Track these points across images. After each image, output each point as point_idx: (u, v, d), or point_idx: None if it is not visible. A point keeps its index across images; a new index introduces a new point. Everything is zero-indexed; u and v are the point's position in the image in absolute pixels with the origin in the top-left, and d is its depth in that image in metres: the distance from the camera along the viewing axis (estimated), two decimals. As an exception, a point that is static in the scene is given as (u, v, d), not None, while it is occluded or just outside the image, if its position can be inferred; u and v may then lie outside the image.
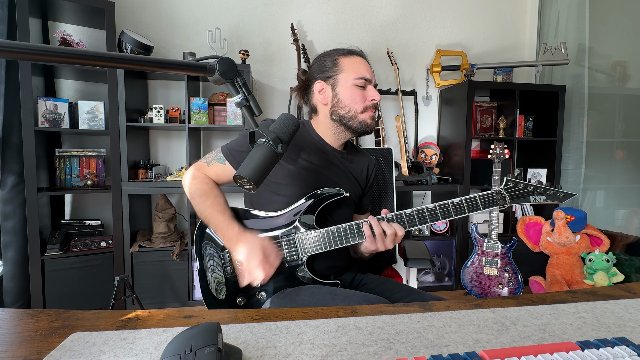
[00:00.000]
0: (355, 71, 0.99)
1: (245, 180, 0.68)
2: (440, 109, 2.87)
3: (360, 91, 1.00)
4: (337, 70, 1.00)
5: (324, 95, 1.02)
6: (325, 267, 1.00)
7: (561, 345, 0.46)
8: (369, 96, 1.00)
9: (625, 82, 2.55)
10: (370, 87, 1.01)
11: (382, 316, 0.58)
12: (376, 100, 1.01)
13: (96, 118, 2.11)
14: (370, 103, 1.00)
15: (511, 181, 0.89)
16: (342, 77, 1.00)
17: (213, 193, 0.97)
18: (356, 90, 0.99)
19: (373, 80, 1.02)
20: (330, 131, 1.04)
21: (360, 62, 1.01)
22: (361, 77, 0.99)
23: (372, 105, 1.01)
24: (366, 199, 1.16)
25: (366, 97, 1.00)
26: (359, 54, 1.04)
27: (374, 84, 1.02)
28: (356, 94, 0.99)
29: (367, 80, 1.00)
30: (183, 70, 0.58)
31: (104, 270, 2.15)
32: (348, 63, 1.00)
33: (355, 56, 1.02)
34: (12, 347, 0.49)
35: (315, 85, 1.03)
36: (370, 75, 1.01)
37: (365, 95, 1.00)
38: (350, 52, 1.03)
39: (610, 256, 2.23)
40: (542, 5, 2.93)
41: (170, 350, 0.43)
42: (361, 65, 1.01)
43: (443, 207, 0.89)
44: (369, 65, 1.03)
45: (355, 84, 0.99)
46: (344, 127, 1.02)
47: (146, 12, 2.41)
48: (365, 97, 1.00)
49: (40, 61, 0.46)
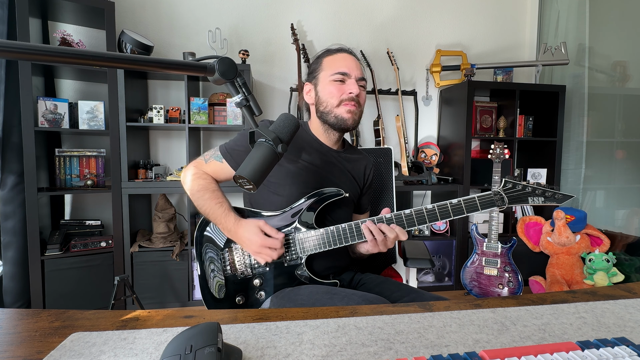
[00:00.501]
0: (333, 67, 0.99)
1: (245, 180, 0.68)
2: (440, 109, 2.87)
3: (338, 85, 0.99)
4: (319, 70, 1.02)
5: (310, 96, 1.05)
6: (325, 266, 1.00)
7: (561, 345, 0.46)
8: (346, 89, 0.99)
9: (625, 82, 2.55)
10: (349, 81, 0.99)
11: (382, 316, 0.58)
12: (353, 93, 0.98)
13: (96, 118, 2.11)
14: (347, 96, 0.98)
15: (510, 182, 0.88)
16: (322, 75, 1.01)
17: (211, 187, 0.99)
18: (333, 85, 0.99)
19: (354, 74, 0.99)
20: (321, 130, 1.05)
21: (342, 58, 1.00)
22: (337, 71, 0.98)
23: (349, 98, 0.99)
24: (365, 198, 1.16)
25: (343, 90, 0.99)
26: (345, 50, 1.02)
27: (355, 77, 0.99)
28: (333, 89, 0.99)
29: (344, 74, 0.98)
30: (183, 70, 0.58)
31: (104, 270, 2.15)
32: (328, 61, 1.01)
33: (339, 53, 1.01)
34: (12, 347, 0.49)
35: (305, 87, 1.06)
36: (349, 69, 0.99)
37: (343, 88, 0.99)
38: (336, 50, 1.02)
39: (610, 256, 2.23)
40: (542, 5, 2.93)
41: (170, 350, 0.43)
42: (341, 60, 1.00)
43: (442, 207, 0.89)
44: (352, 60, 1.01)
45: (332, 79, 0.99)
46: (326, 124, 1.03)
47: (146, 12, 2.41)
48: (343, 90, 0.99)
49: (40, 61, 0.46)
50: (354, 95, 0.98)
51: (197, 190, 0.98)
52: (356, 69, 1.00)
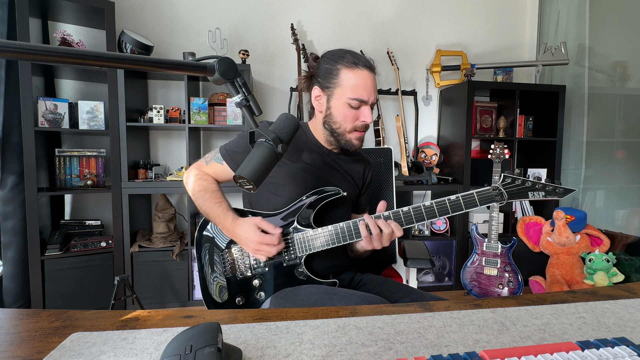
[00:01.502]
0: (352, 89, 0.93)
1: (245, 180, 0.68)
2: (440, 109, 2.87)
3: (353, 111, 0.95)
4: (336, 83, 0.95)
5: (320, 103, 1.00)
6: (324, 266, 1.00)
7: (561, 345, 0.46)
8: (360, 116, 0.96)
9: (625, 82, 2.55)
10: (364, 108, 0.95)
11: (382, 316, 0.58)
12: (367, 122, 0.96)
13: (96, 118, 2.11)
14: (361, 124, 0.96)
15: (509, 177, 0.88)
16: (338, 92, 0.95)
17: (211, 188, 1.01)
18: (348, 109, 0.95)
19: (371, 99, 0.95)
20: (324, 136, 1.04)
21: (362, 78, 0.94)
22: (356, 97, 0.93)
23: (362, 126, 0.97)
24: (363, 199, 1.16)
25: (358, 117, 0.96)
26: (366, 66, 0.95)
27: (370, 103, 0.96)
28: (348, 113, 0.95)
29: (362, 102, 0.95)
30: (183, 70, 0.58)
31: (104, 270, 2.15)
32: (348, 78, 0.94)
33: (360, 69, 0.94)
34: (12, 347, 0.49)
35: (314, 90, 1.01)
36: (367, 95, 0.94)
37: (358, 115, 0.96)
38: (356, 63, 0.94)
39: (610, 256, 2.23)
40: (542, 5, 2.93)
41: (170, 350, 0.43)
42: (361, 82, 0.94)
43: (440, 203, 0.88)
44: (372, 80, 0.95)
45: (349, 103, 0.94)
46: (333, 138, 1.02)
47: (146, 12, 2.41)
48: (357, 117, 0.96)
49: (40, 61, 0.46)
50: (368, 124, 0.97)
51: (198, 191, 0.99)
52: (374, 91, 0.96)
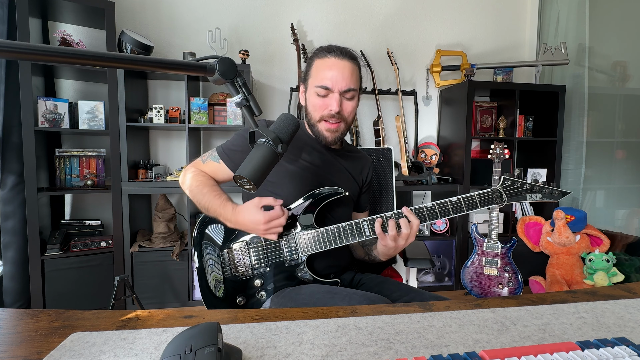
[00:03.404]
0: (319, 78, 0.91)
1: (245, 180, 0.68)
2: (440, 109, 2.87)
3: (321, 99, 0.92)
4: (309, 74, 0.95)
5: (302, 97, 1.01)
6: (326, 265, 1.00)
7: (561, 345, 0.46)
8: (327, 104, 0.92)
9: (625, 82, 2.55)
10: (331, 95, 0.91)
11: (382, 316, 0.58)
12: (333, 110, 0.91)
13: (96, 118, 2.11)
14: (327, 112, 0.92)
15: (508, 180, 0.90)
16: (310, 83, 0.95)
17: (209, 182, 0.99)
18: (316, 97, 0.93)
19: (337, 87, 0.90)
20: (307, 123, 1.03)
21: (329, 66, 0.90)
22: (321, 85, 0.90)
23: (329, 115, 0.92)
24: (364, 197, 1.16)
25: (325, 105, 0.93)
26: (335, 53, 0.91)
27: (337, 90, 0.91)
28: (316, 101, 0.94)
29: (327, 89, 0.91)
30: (183, 70, 0.58)
31: (104, 270, 2.15)
32: (317, 67, 0.93)
33: (329, 58, 0.91)
34: (12, 347, 0.49)
35: (301, 87, 1.03)
36: (332, 82, 0.90)
37: (325, 103, 0.92)
38: (327, 52, 0.92)
39: (610, 256, 2.23)
40: (542, 5, 2.93)
41: (170, 350, 0.43)
42: (326, 70, 0.90)
43: (442, 205, 0.89)
44: (340, 69, 0.90)
45: (316, 91, 0.92)
46: (312, 133, 1.01)
47: (146, 12, 2.41)
48: (324, 105, 0.93)
49: (40, 61, 0.46)
50: (334, 112, 0.92)
51: (196, 186, 0.98)
52: (342, 80, 0.90)
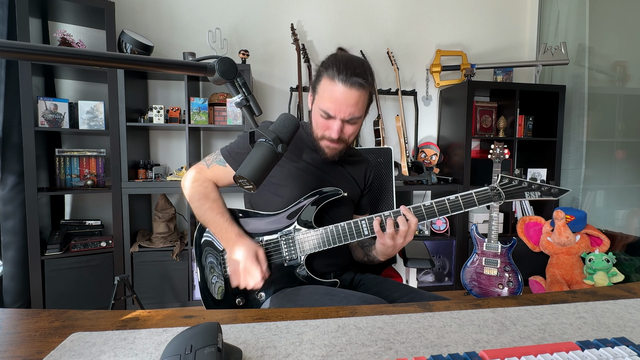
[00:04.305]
0: (324, 101, 0.91)
1: (245, 180, 0.68)
2: (440, 109, 2.87)
3: (324, 120, 0.94)
4: (317, 89, 0.95)
5: (309, 104, 1.01)
6: (325, 265, 1.00)
7: (561, 345, 0.46)
8: (329, 128, 0.94)
9: (625, 82, 2.55)
10: (332, 121, 0.92)
11: (382, 316, 0.58)
12: (332, 137, 0.93)
13: (96, 118, 2.11)
14: (327, 134, 0.94)
15: (506, 178, 0.90)
16: (317, 99, 0.95)
17: (212, 196, 0.98)
18: (320, 117, 0.94)
19: (340, 115, 0.91)
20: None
21: (335, 93, 0.89)
22: (324, 110, 0.91)
23: (329, 137, 0.94)
24: (365, 199, 1.16)
25: (327, 127, 0.94)
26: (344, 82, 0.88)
27: (340, 118, 0.91)
28: (319, 121, 0.95)
29: (329, 116, 0.92)
30: (183, 70, 0.58)
31: (104, 270, 2.15)
32: (324, 87, 0.92)
33: (336, 84, 0.88)
34: (12, 347, 0.49)
35: (310, 90, 1.02)
36: (335, 111, 0.90)
37: (327, 125, 0.94)
38: (334, 76, 0.89)
39: (610, 256, 2.23)
40: (542, 5, 2.93)
41: (170, 350, 0.43)
42: (332, 97, 0.90)
43: (439, 203, 0.89)
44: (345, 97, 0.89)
45: (320, 112, 0.93)
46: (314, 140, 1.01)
47: (146, 12, 2.41)
48: (327, 127, 0.94)
49: (40, 61, 0.46)
50: (332, 138, 0.94)
51: (197, 199, 0.97)
52: (347, 108, 0.90)
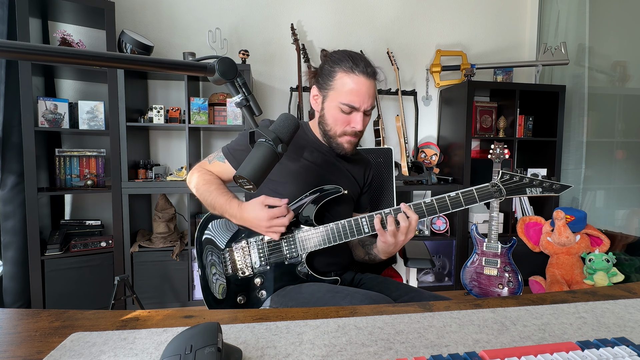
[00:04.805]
0: (345, 94, 0.93)
1: (245, 180, 0.68)
2: (440, 109, 2.87)
3: (344, 115, 0.95)
4: (331, 85, 0.95)
5: (316, 102, 1.02)
6: (326, 263, 1.00)
7: (561, 345, 0.46)
8: (351, 122, 0.96)
9: (625, 82, 2.55)
10: (355, 114, 0.95)
11: (382, 316, 0.58)
12: (357, 129, 0.96)
13: (96, 118, 2.11)
14: (350, 129, 0.96)
15: (507, 174, 0.90)
16: (332, 95, 0.95)
17: (216, 182, 1.01)
18: (340, 113, 0.95)
19: (363, 106, 0.94)
20: (321, 135, 1.05)
21: (356, 84, 0.92)
22: (347, 103, 0.93)
23: (352, 132, 0.97)
24: (364, 198, 1.17)
25: (349, 121, 0.96)
26: (363, 73, 0.92)
27: (363, 109, 0.94)
28: (339, 117, 0.95)
29: (353, 108, 0.94)
30: (183, 70, 0.58)
31: (104, 270, 2.15)
32: (343, 82, 0.93)
33: (356, 75, 0.92)
34: (12, 347, 0.49)
35: (313, 88, 1.02)
36: (360, 102, 0.93)
37: (349, 120, 0.95)
38: (353, 68, 0.92)
39: (610, 256, 2.23)
40: (542, 5, 2.92)
41: (170, 350, 0.43)
42: (354, 88, 0.92)
43: (440, 200, 0.89)
44: (367, 87, 0.93)
45: (340, 107, 0.94)
46: (326, 140, 1.03)
47: (146, 12, 2.41)
48: (348, 121, 0.96)
49: (40, 61, 0.46)
50: (357, 131, 0.96)
51: (202, 185, 1.00)
52: (368, 98, 0.93)
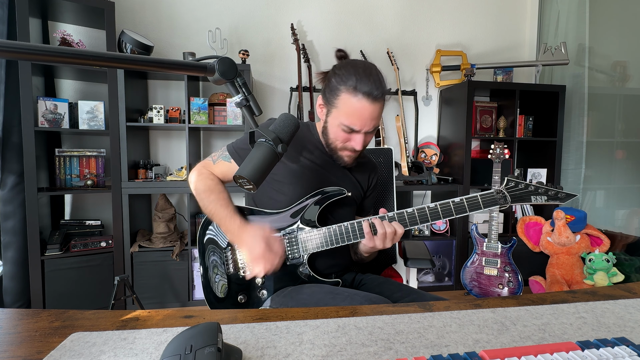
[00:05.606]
0: (346, 116, 0.91)
1: (245, 180, 0.68)
2: (440, 109, 2.87)
3: (345, 134, 0.94)
4: (334, 103, 0.93)
5: (321, 112, 1.01)
6: (327, 265, 1.00)
7: (561, 345, 0.46)
8: (351, 141, 0.95)
9: (625, 82, 2.55)
10: (355, 135, 0.94)
11: (382, 316, 0.58)
12: (356, 149, 0.95)
13: (96, 118, 2.11)
14: (350, 147, 0.96)
15: (512, 181, 0.89)
16: (334, 112, 0.94)
17: (217, 188, 0.99)
18: (340, 131, 0.94)
19: (364, 128, 0.92)
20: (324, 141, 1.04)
21: (358, 108, 0.89)
22: (348, 125, 0.92)
23: (352, 149, 0.96)
24: (368, 201, 1.16)
25: (349, 139, 0.95)
26: (366, 96, 0.88)
27: (364, 131, 0.93)
28: (339, 134, 0.95)
29: (353, 130, 0.93)
30: (183, 70, 0.58)
31: (104, 270, 2.15)
32: (345, 103, 0.91)
33: (359, 98, 0.89)
34: (12, 347, 0.49)
35: (319, 97, 1.01)
36: (360, 125, 0.91)
37: (349, 138, 0.95)
38: (357, 89, 0.89)
39: (610, 256, 2.23)
40: (542, 5, 2.92)
41: (170, 350, 0.43)
42: (356, 112, 0.90)
43: (444, 206, 0.89)
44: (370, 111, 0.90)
45: (341, 127, 0.93)
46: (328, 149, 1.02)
47: (146, 12, 2.41)
48: (349, 139, 0.95)
49: (40, 61, 0.46)
50: (358, 149, 0.96)
51: (203, 191, 0.98)
52: (371, 121, 0.92)
